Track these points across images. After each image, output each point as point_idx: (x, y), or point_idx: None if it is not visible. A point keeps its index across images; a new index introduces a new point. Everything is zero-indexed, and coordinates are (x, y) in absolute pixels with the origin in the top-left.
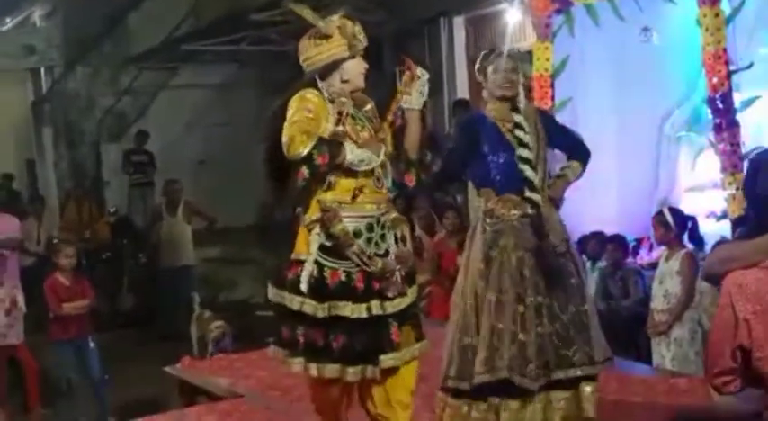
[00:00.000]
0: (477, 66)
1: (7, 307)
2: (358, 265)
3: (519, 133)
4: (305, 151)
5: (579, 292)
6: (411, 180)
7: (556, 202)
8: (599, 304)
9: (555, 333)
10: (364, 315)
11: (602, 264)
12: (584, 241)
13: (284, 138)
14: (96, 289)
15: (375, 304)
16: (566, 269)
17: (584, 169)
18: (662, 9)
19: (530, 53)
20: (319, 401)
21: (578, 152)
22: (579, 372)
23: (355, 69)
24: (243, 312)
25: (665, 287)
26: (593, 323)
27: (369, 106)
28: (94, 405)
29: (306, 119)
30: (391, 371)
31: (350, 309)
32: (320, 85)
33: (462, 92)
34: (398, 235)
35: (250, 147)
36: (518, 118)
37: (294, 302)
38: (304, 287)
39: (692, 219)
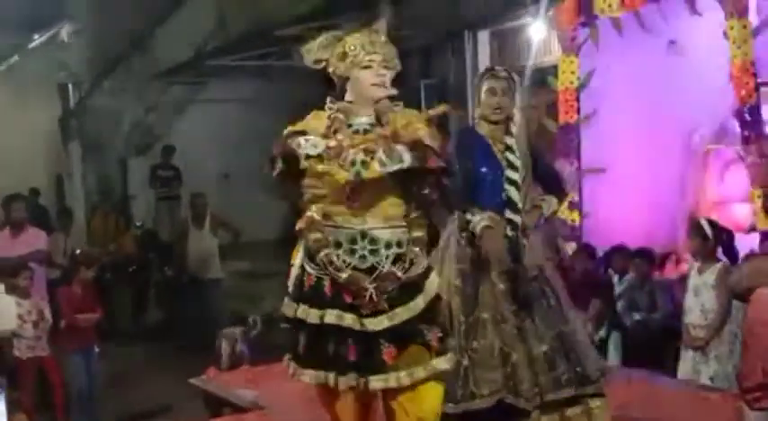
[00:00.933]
0: (476, 82)
1: (35, 319)
2: (327, 273)
3: (509, 155)
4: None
5: (560, 314)
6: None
7: (525, 231)
8: (626, 318)
9: (542, 355)
10: (332, 321)
11: (628, 277)
12: (610, 255)
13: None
14: (122, 302)
15: (349, 317)
16: (539, 293)
17: (559, 205)
18: (688, 21)
19: (555, 67)
20: (328, 412)
21: (553, 185)
22: (573, 392)
23: (358, 84)
24: (267, 325)
25: (701, 301)
26: (581, 342)
27: (383, 116)
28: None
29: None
30: (407, 387)
31: (315, 315)
32: (327, 104)
33: None
34: (407, 257)
35: None
36: (510, 140)
37: (284, 305)
38: (290, 288)
39: (729, 232)
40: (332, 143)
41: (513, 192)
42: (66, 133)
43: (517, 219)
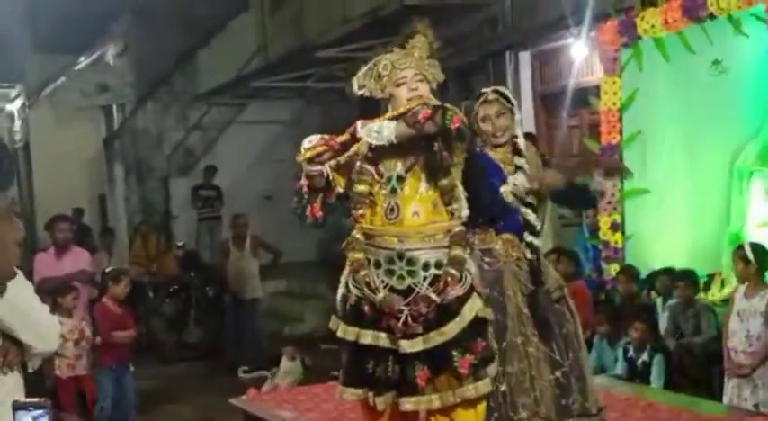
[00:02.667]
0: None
1: (76, 338)
2: (365, 294)
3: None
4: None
5: (576, 338)
6: None
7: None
8: (670, 341)
9: (555, 381)
10: (368, 341)
11: (672, 301)
12: (654, 277)
13: None
14: (163, 321)
15: (384, 337)
16: (562, 315)
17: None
18: (733, 42)
19: (597, 87)
20: None
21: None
22: None
23: (398, 101)
24: (307, 346)
25: (747, 327)
26: (589, 371)
27: None
28: None
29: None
30: (443, 409)
31: (353, 334)
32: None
33: (528, 126)
34: (443, 279)
35: None
36: (520, 161)
37: (331, 321)
38: (338, 306)
39: None
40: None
41: (530, 215)
42: (110, 154)
43: (537, 242)
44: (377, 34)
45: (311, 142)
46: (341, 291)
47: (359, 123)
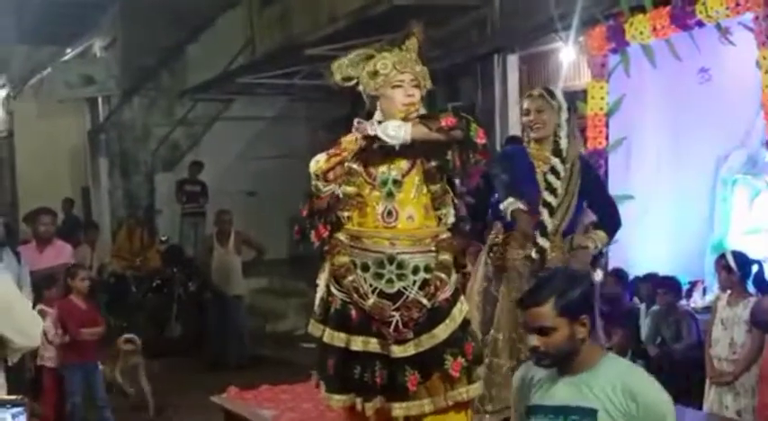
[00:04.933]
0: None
1: (60, 330)
2: (353, 299)
3: (551, 178)
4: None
5: None
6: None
7: (582, 268)
8: (651, 348)
9: None
10: (359, 348)
11: (656, 307)
12: (637, 283)
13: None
14: (145, 316)
15: (374, 343)
16: None
17: (609, 240)
18: (720, 50)
19: (584, 92)
20: None
21: (607, 216)
22: None
23: (388, 103)
24: (288, 344)
25: (731, 335)
26: None
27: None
28: None
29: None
30: (431, 413)
31: (341, 340)
32: (355, 126)
33: (515, 129)
34: (433, 283)
35: (301, 181)
36: (554, 161)
37: (310, 325)
38: (316, 309)
39: (758, 263)
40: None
41: (545, 215)
42: (95, 147)
43: (546, 244)
44: (365, 33)
45: (318, 161)
46: (320, 294)
47: (365, 123)
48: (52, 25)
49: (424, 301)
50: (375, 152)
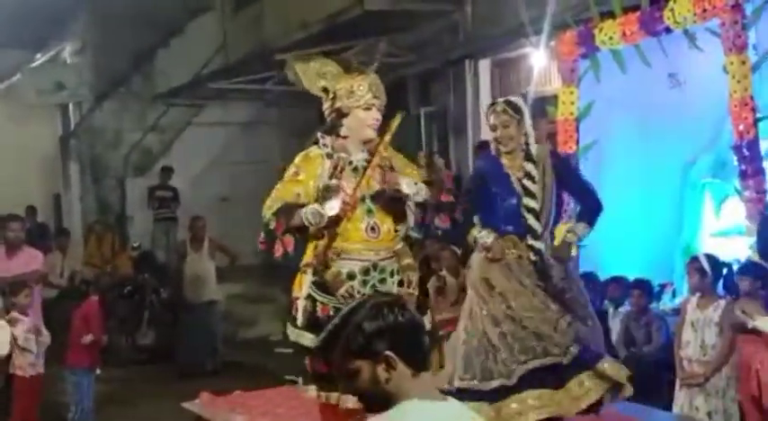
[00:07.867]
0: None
1: (34, 337)
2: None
3: (527, 183)
4: (266, 218)
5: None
6: (445, 221)
7: (564, 261)
8: (621, 350)
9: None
10: None
11: (624, 308)
12: (606, 285)
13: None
14: (117, 323)
15: None
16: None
17: (591, 226)
18: (688, 56)
19: (555, 97)
20: None
21: (588, 201)
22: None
23: (357, 122)
24: (261, 349)
25: (702, 337)
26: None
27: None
28: None
29: (288, 181)
30: None
31: None
32: (321, 141)
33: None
34: (406, 281)
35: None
36: (529, 167)
37: (293, 334)
38: (300, 322)
39: (728, 266)
40: (346, 186)
41: (531, 220)
42: (66, 152)
43: (539, 245)
44: (337, 38)
45: (333, 209)
46: (302, 304)
47: (401, 182)
48: (21, 30)
49: (411, 291)
50: (347, 175)
